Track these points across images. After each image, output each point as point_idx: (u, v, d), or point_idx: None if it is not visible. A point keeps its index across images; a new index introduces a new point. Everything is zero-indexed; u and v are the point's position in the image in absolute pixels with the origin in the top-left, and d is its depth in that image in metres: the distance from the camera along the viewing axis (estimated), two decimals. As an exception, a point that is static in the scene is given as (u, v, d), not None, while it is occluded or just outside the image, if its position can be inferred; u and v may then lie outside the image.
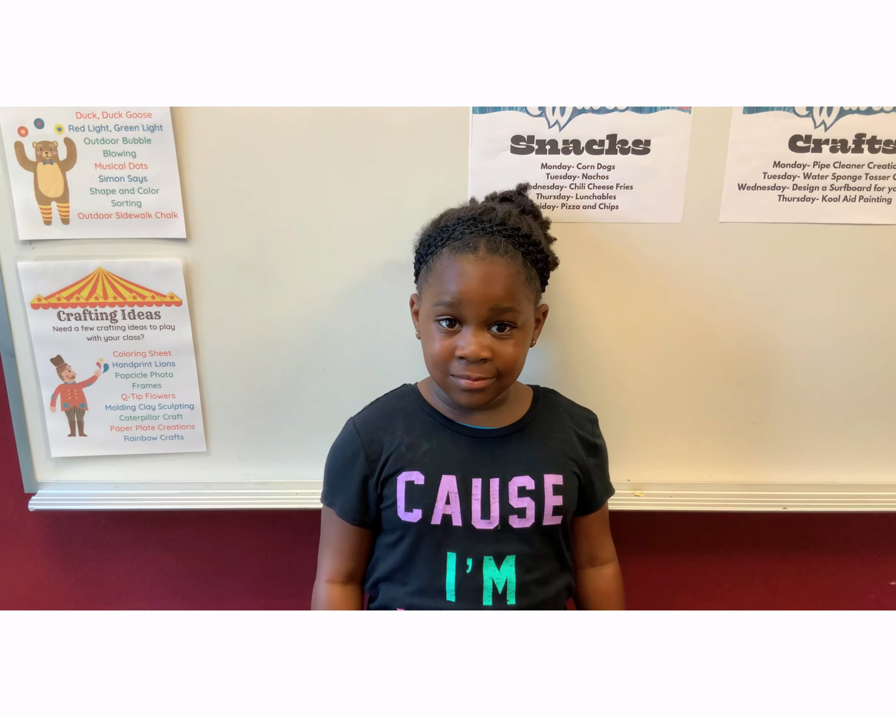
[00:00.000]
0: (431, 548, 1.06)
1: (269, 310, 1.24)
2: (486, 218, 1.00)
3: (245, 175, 1.17)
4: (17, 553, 1.46)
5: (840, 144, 1.15)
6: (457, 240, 0.99)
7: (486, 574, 1.05)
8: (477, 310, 0.97)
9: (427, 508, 1.04)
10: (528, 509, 1.05)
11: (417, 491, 1.05)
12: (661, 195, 1.17)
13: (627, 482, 1.34)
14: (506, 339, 1.00)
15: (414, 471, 1.05)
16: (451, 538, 1.05)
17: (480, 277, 0.97)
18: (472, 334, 0.98)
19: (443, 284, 0.99)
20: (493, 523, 1.05)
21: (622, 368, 1.27)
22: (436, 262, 1.01)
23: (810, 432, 1.31)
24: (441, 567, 1.06)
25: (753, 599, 1.51)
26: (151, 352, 1.26)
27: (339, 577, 1.13)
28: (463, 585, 1.05)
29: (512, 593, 1.05)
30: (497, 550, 1.05)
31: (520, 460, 1.07)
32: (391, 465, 1.06)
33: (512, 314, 0.99)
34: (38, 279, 1.21)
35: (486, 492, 1.05)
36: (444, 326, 1.00)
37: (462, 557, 1.05)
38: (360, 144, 1.15)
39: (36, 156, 1.15)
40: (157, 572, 1.48)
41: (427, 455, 1.06)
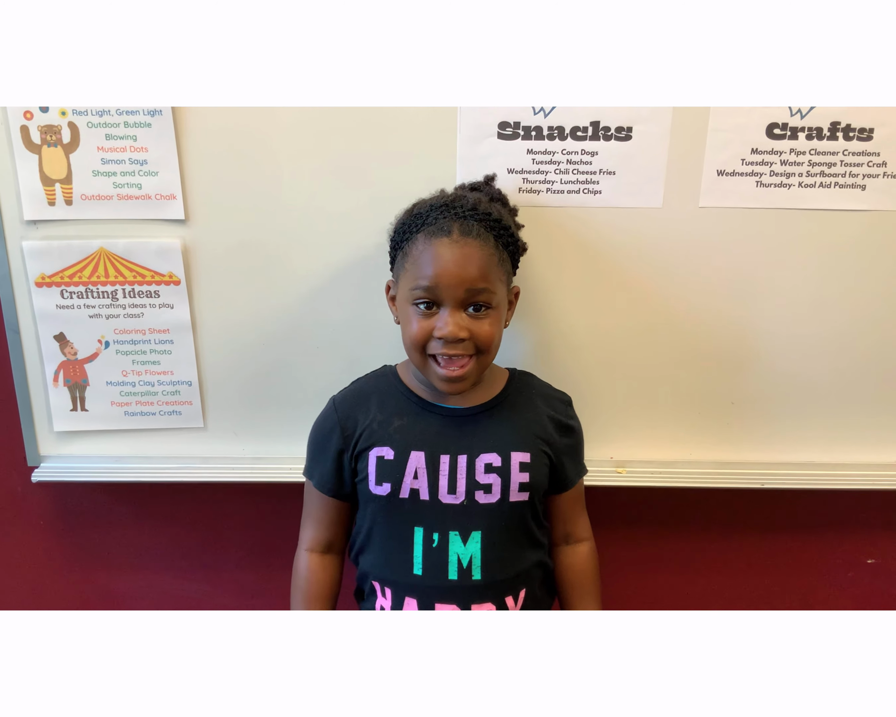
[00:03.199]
0: (400, 522, 1.10)
1: (264, 290, 1.28)
2: (458, 204, 1.04)
3: (242, 159, 1.20)
4: (20, 524, 1.51)
5: (816, 132, 1.19)
6: (431, 225, 1.03)
7: (452, 549, 1.08)
8: (454, 292, 1.01)
9: (396, 482, 1.09)
10: (495, 485, 1.08)
11: (387, 466, 1.09)
12: (643, 181, 1.21)
13: (610, 460, 1.38)
14: (482, 318, 1.03)
15: (385, 447, 1.10)
16: (419, 512, 1.09)
17: (455, 260, 1.01)
18: (450, 315, 1.02)
19: (419, 269, 1.02)
20: (459, 497, 1.08)
21: (605, 349, 1.31)
22: (411, 247, 1.04)
23: (787, 412, 1.35)
24: (408, 541, 1.10)
25: (731, 574, 1.55)
26: (151, 330, 1.30)
27: (319, 546, 1.18)
28: (429, 558, 1.09)
29: (477, 567, 1.09)
30: (463, 525, 1.09)
31: (488, 438, 1.10)
32: (364, 440, 1.11)
33: (487, 295, 1.03)
34: (42, 258, 1.25)
35: (454, 468, 1.09)
36: (422, 309, 1.03)
37: (428, 531, 1.09)
38: (353, 131, 1.19)
39: (41, 139, 1.19)
40: (155, 543, 1.52)
41: (398, 432, 1.10)
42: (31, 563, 1.54)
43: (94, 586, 1.56)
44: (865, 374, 1.32)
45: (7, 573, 1.55)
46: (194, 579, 1.55)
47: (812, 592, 1.56)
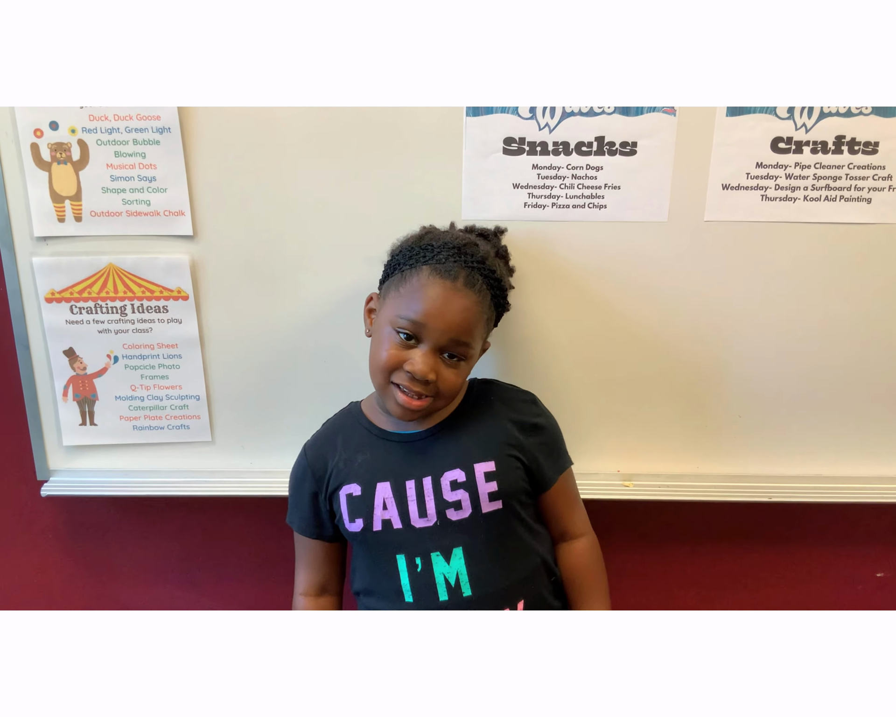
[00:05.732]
0: (381, 554, 1.11)
1: (272, 305, 1.28)
2: (469, 251, 1.06)
3: (249, 175, 1.21)
4: (29, 537, 1.51)
5: (820, 146, 1.19)
6: (440, 263, 1.04)
7: (437, 570, 1.08)
8: (438, 335, 1.02)
9: (367, 516, 1.10)
10: (463, 500, 1.08)
11: (356, 502, 1.11)
12: (648, 195, 1.21)
13: (618, 473, 1.37)
14: (452, 366, 1.05)
15: (352, 484, 1.11)
16: (397, 541, 1.09)
17: (451, 307, 1.02)
18: (426, 355, 1.02)
19: (414, 301, 1.03)
20: (431, 519, 1.08)
21: (611, 363, 1.31)
22: (413, 275, 1.05)
23: (795, 425, 1.34)
24: (394, 570, 1.10)
25: (739, 588, 1.54)
26: (159, 344, 1.30)
27: (312, 590, 1.20)
28: (416, 583, 1.09)
29: (465, 583, 1.08)
30: (442, 544, 1.08)
31: (449, 455, 1.10)
32: (333, 481, 1.13)
33: (465, 349, 1.05)
34: (51, 274, 1.26)
35: (421, 491, 1.09)
36: (402, 338, 1.04)
37: (411, 557, 1.09)
38: (360, 147, 1.20)
39: (51, 156, 1.20)
40: (162, 556, 1.53)
41: (362, 466, 1.12)
42: (41, 576, 1.55)
43: (103, 599, 1.56)
44: (873, 387, 1.32)
45: (16, 587, 1.56)
46: (203, 592, 1.56)
47: (820, 606, 1.55)
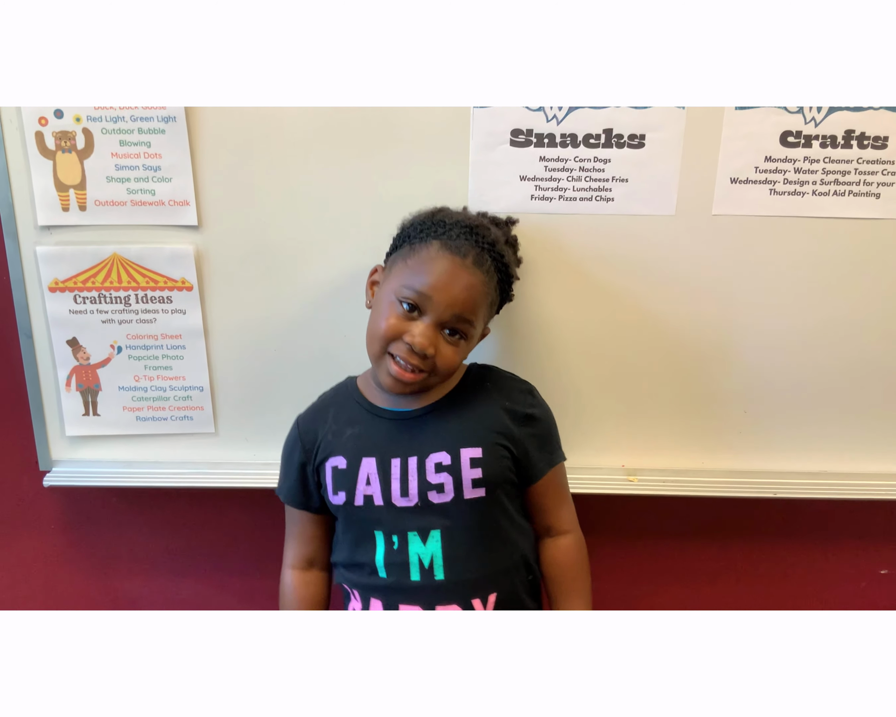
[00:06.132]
0: (360, 528, 1.11)
1: (276, 296, 1.28)
2: (481, 232, 1.06)
3: (255, 166, 1.21)
4: (32, 527, 1.51)
5: (830, 140, 1.19)
6: (451, 239, 1.03)
7: (412, 550, 1.08)
8: (442, 310, 1.01)
9: (350, 490, 1.09)
10: (447, 484, 1.07)
11: (341, 475, 1.10)
12: (656, 188, 1.21)
13: (622, 468, 1.37)
14: (452, 343, 1.04)
15: (338, 456, 1.11)
16: (376, 517, 1.09)
17: (458, 283, 1.01)
18: (427, 328, 1.02)
19: (422, 273, 1.02)
20: (412, 500, 1.08)
21: (615, 356, 1.30)
22: (423, 248, 1.04)
23: (801, 421, 1.34)
24: (371, 546, 1.10)
25: (743, 584, 1.54)
26: (163, 335, 1.30)
27: (300, 562, 1.20)
28: (390, 561, 1.09)
29: (439, 567, 1.07)
30: (421, 525, 1.08)
31: (437, 437, 1.09)
32: (321, 452, 1.13)
33: (467, 326, 1.04)
34: (55, 264, 1.25)
35: (405, 471, 1.08)
36: (405, 309, 1.03)
37: (388, 534, 1.09)
38: (365, 137, 1.19)
39: (55, 145, 1.19)
40: (165, 547, 1.53)
41: (350, 440, 1.11)
42: (43, 566, 1.55)
43: (105, 589, 1.56)
44: (879, 383, 1.32)
45: (19, 577, 1.55)
46: (205, 583, 1.55)
47: (824, 602, 1.55)
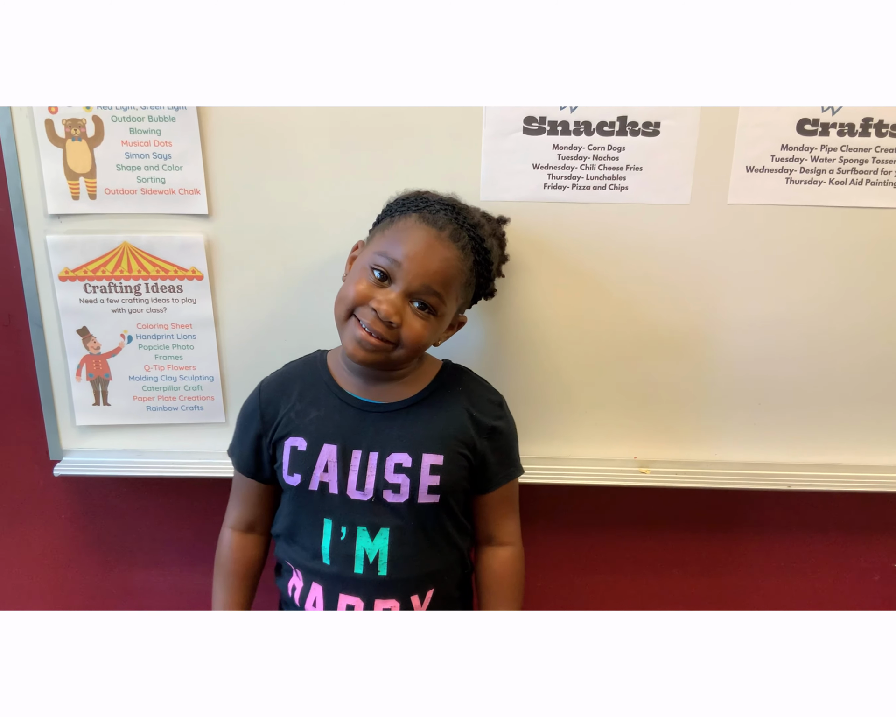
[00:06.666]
0: (311, 512, 1.10)
1: (287, 286, 1.27)
2: (462, 213, 1.05)
3: (266, 154, 1.20)
4: (42, 517, 1.51)
5: (847, 128, 1.17)
6: (431, 213, 1.03)
7: (359, 544, 1.08)
8: (411, 279, 1.00)
9: (306, 473, 1.08)
10: (403, 485, 1.06)
11: (300, 456, 1.09)
12: (671, 177, 1.19)
13: (634, 460, 1.36)
14: (420, 317, 1.02)
15: (299, 437, 1.09)
16: (328, 505, 1.09)
17: (431, 253, 1.00)
18: (396, 296, 1.00)
19: (397, 241, 1.01)
20: (367, 495, 1.07)
21: (628, 347, 1.29)
22: (401, 220, 1.04)
23: (815, 413, 1.33)
24: (318, 531, 1.10)
25: (756, 577, 1.54)
26: (173, 325, 1.30)
27: (241, 525, 1.19)
28: (336, 551, 1.09)
29: (383, 564, 1.08)
30: (371, 521, 1.08)
31: (402, 437, 1.08)
32: (281, 429, 1.11)
33: (437, 301, 1.02)
34: (65, 252, 1.25)
35: (364, 464, 1.07)
36: (376, 276, 1.01)
37: (337, 524, 1.08)
38: (376, 126, 1.18)
39: (65, 133, 1.19)
40: (175, 537, 1.53)
41: (313, 423, 1.09)
42: (53, 556, 1.55)
43: (115, 579, 1.57)
44: (895, 373, 1.30)
45: (29, 567, 1.56)
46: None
47: (837, 596, 1.54)
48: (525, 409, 1.28)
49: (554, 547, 1.52)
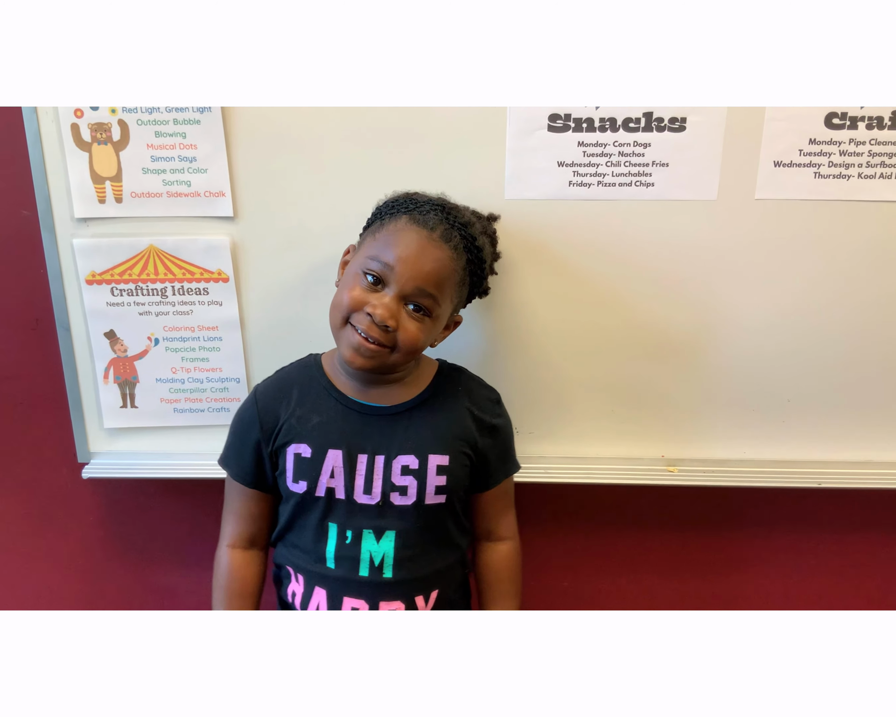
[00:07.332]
0: (316, 517, 1.10)
1: (312, 287, 1.27)
2: (452, 212, 1.05)
3: (290, 156, 1.20)
4: (71, 519, 1.52)
5: (876, 122, 1.16)
6: (420, 214, 1.02)
7: (365, 547, 1.08)
8: (404, 282, 0.99)
9: (312, 480, 1.08)
10: (410, 487, 1.07)
11: (304, 463, 1.08)
12: (697, 173, 1.18)
13: (662, 459, 1.35)
14: (416, 320, 1.02)
15: (302, 444, 1.09)
16: (334, 510, 1.09)
17: (422, 255, 1.00)
18: (390, 300, 1.00)
19: (388, 245, 1.01)
20: (374, 498, 1.07)
21: (657, 344, 1.29)
22: (391, 222, 1.04)
23: (846, 409, 1.32)
24: (323, 535, 1.10)
25: (788, 576, 1.52)
26: (200, 327, 1.30)
27: (241, 542, 1.17)
28: (341, 554, 1.09)
29: (389, 566, 1.08)
30: (377, 524, 1.08)
31: (407, 439, 1.08)
32: (282, 436, 1.10)
33: (431, 302, 1.02)
34: (92, 256, 1.26)
35: (371, 468, 1.07)
36: (369, 281, 1.01)
37: (342, 528, 1.08)
38: (400, 125, 1.18)
39: (91, 137, 1.19)
40: (202, 538, 1.52)
41: (316, 429, 1.09)
42: (82, 558, 1.56)
43: (143, 581, 1.57)
44: (928, 370, 1.29)
45: (58, 568, 1.57)
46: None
47: (868, 594, 1.53)
48: (546, 407, 1.28)
49: (574, 548, 1.51)
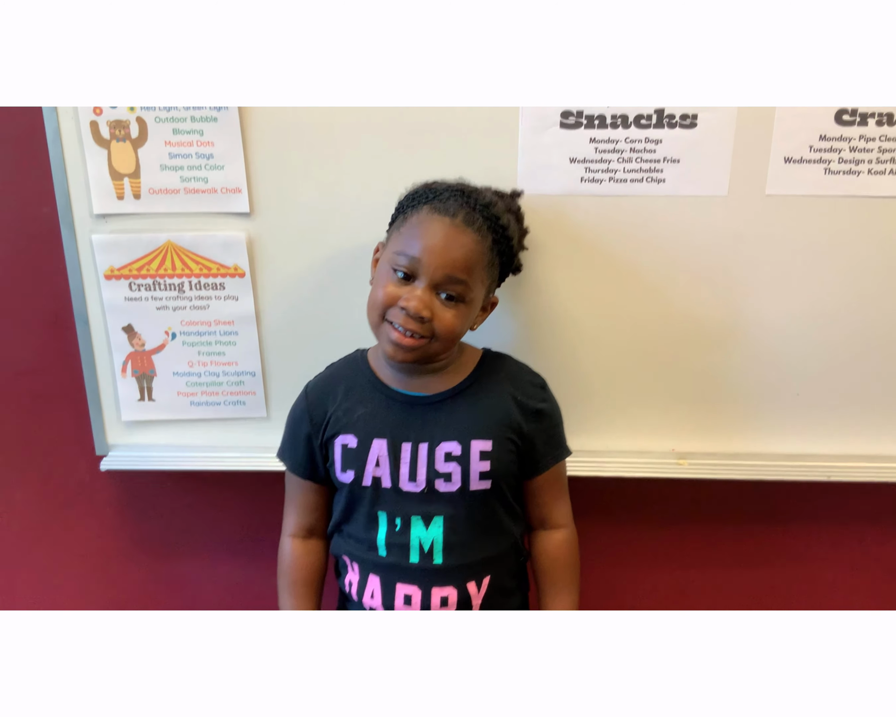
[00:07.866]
0: (365, 506, 1.12)
1: (327, 283, 1.29)
2: (473, 195, 1.05)
3: (306, 153, 1.22)
4: (89, 511, 1.54)
5: (886, 118, 1.16)
6: (441, 202, 1.03)
7: (414, 533, 1.09)
8: (433, 272, 1.01)
9: (359, 470, 1.10)
10: (455, 473, 1.08)
11: (351, 454, 1.10)
12: (708, 168, 1.19)
13: (672, 452, 1.36)
14: (450, 308, 1.03)
15: (349, 434, 1.11)
16: (382, 499, 1.11)
17: (447, 242, 1.01)
18: (422, 291, 1.01)
19: (411, 238, 1.03)
20: (419, 486, 1.09)
21: (667, 340, 1.30)
22: (413, 215, 1.05)
23: (854, 403, 1.32)
24: (374, 524, 1.12)
25: (797, 569, 1.53)
26: (216, 321, 1.32)
27: (301, 531, 1.21)
28: (391, 541, 1.11)
29: (438, 552, 1.09)
30: (425, 511, 1.09)
31: (449, 426, 1.09)
32: (331, 428, 1.13)
33: (463, 288, 1.03)
34: (111, 251, 1.28)
35: (415, 456, 1.09)
36: (399, 277, 1.03)
37: (392, 516, 1.10)
38: (414, 122, 1.20)
39: (110, 134, 1.21)
40: (218, 530, 1.55)
41: (361, 419, 1.11)
42: (100, 550, 1.58)
43: (161, 572, 1.59)
44: (938, 364, 1.29)
45: (77, 560, 1.59)
46: (259, 566, 1.56)
47: (878, 589, 1.53)
48: (560, 401, 1.29)
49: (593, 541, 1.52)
